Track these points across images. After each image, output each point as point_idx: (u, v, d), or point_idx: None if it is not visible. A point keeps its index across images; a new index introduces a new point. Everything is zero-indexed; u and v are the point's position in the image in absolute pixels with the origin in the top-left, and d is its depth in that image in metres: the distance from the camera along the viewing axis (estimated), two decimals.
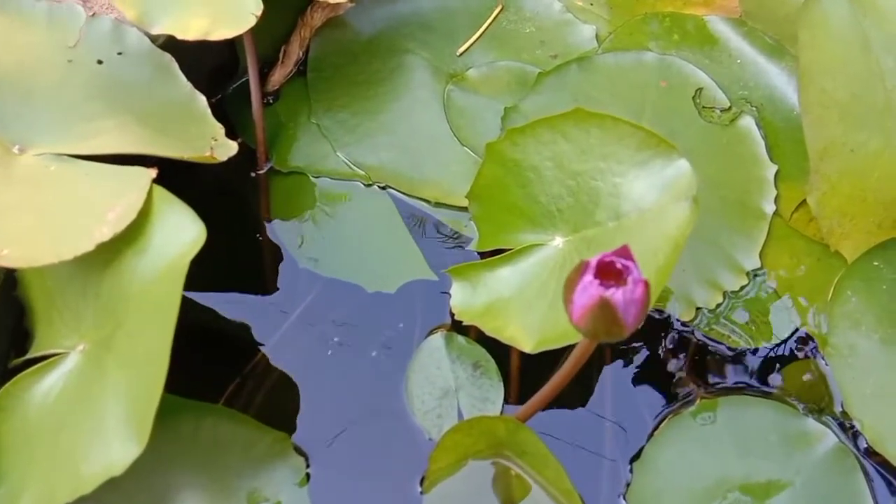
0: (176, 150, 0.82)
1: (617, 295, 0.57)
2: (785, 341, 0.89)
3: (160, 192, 0.75)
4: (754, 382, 0.87)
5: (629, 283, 0.58)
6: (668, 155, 0.82)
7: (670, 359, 0.89)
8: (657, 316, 0.90)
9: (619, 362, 0.89)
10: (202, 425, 0.80)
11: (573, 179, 0.84)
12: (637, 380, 0.88)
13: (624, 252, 0.58)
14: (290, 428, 0.84)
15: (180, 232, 0.72)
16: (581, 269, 0.59)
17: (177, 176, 0.93)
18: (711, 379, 0.88)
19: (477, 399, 0.86)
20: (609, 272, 0.58)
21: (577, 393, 0.88)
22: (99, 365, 0.73)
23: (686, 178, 0.80)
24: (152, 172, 0.76)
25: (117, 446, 0.68)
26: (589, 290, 0.58)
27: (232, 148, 0.85)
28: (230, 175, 0.98)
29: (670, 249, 0.77)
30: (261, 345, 0.89)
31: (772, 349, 0.89)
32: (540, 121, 0.86)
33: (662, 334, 0.90)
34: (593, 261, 0.58)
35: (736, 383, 0.87)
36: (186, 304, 0.91)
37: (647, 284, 0.58)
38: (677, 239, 0.77)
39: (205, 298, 0.91)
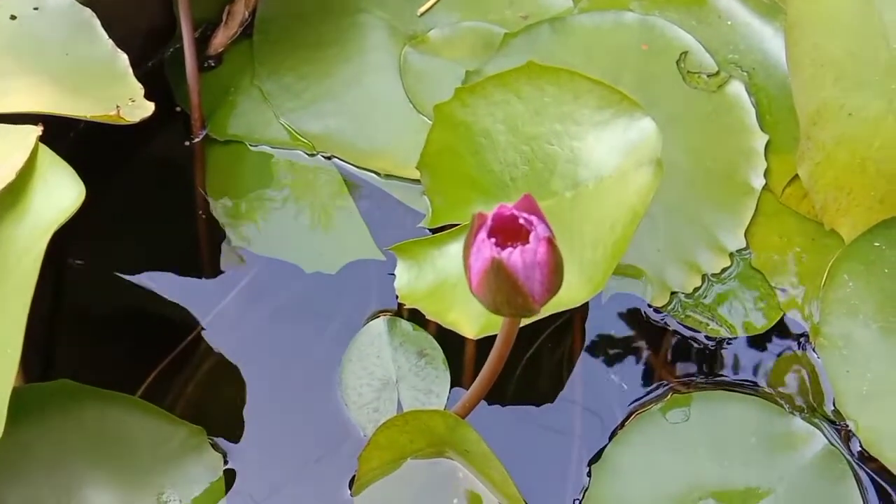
0: (85, 110, 0.74)
1: (514, 257, 0.47)
2: (771, 331, 0.79)
3: (45, 152, 0.67)
4: (734, 376, 0.78)
5: (530, 242, 0.47)
6: (630, 114, 0.72)
7: (641, 349, 0.79)
8: (627, 301, 0.80)
9: (588, 353, 0.80)
10: (107, 416, 0.73)
11: (527, 144, 0.75)
12: (607, 372, 0.79)
13: (527, 204, 0.48)
14: (215, 422, 0.76)
15: (56, 197, 0.64)
16: (476, 225, 0.49)
17: (108, 145, 0.86)
18: (686, 371, 0.79)
19: (420, 391, 0.77)
20: (511, 230, 0.48)
21: (541, 387, 0.79)
22: None
23: (651, 140, 0.71)
24: (38, 130, 0.68)
25: None
26: (482, 251, 0.48)
27: (147, 109, 0.76)
28: (165, 145, 0.91)
29: (628, 219, 0.67)
30: (189, 332, 0.81)
31: (756, 340, 0.79)
32: (490, 78, 0.77)
33: (633, 322, 0.80)
34: (489, 215, 0.48)
35: (713, 377, 0.78)
36: (114, 284, 0.85)
37: (551, 243, 0.48)
38: (636, 207, 0.67)
39: (136, 279, 0.84)
